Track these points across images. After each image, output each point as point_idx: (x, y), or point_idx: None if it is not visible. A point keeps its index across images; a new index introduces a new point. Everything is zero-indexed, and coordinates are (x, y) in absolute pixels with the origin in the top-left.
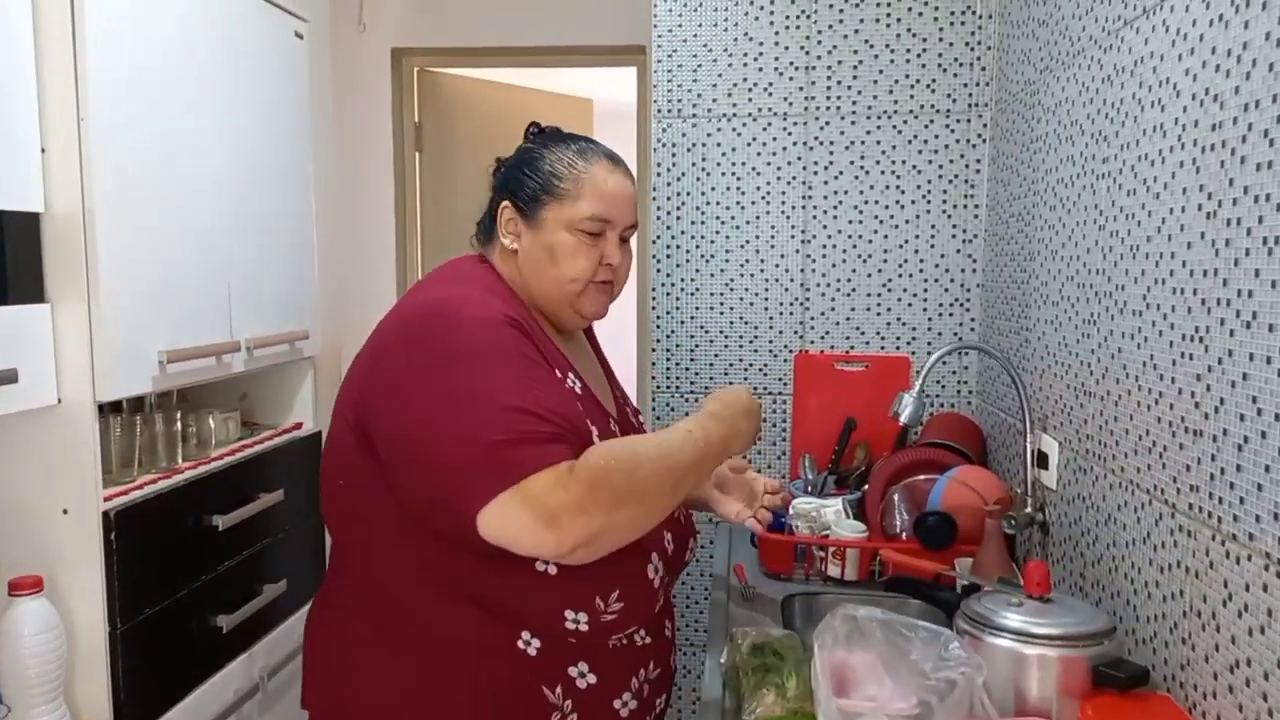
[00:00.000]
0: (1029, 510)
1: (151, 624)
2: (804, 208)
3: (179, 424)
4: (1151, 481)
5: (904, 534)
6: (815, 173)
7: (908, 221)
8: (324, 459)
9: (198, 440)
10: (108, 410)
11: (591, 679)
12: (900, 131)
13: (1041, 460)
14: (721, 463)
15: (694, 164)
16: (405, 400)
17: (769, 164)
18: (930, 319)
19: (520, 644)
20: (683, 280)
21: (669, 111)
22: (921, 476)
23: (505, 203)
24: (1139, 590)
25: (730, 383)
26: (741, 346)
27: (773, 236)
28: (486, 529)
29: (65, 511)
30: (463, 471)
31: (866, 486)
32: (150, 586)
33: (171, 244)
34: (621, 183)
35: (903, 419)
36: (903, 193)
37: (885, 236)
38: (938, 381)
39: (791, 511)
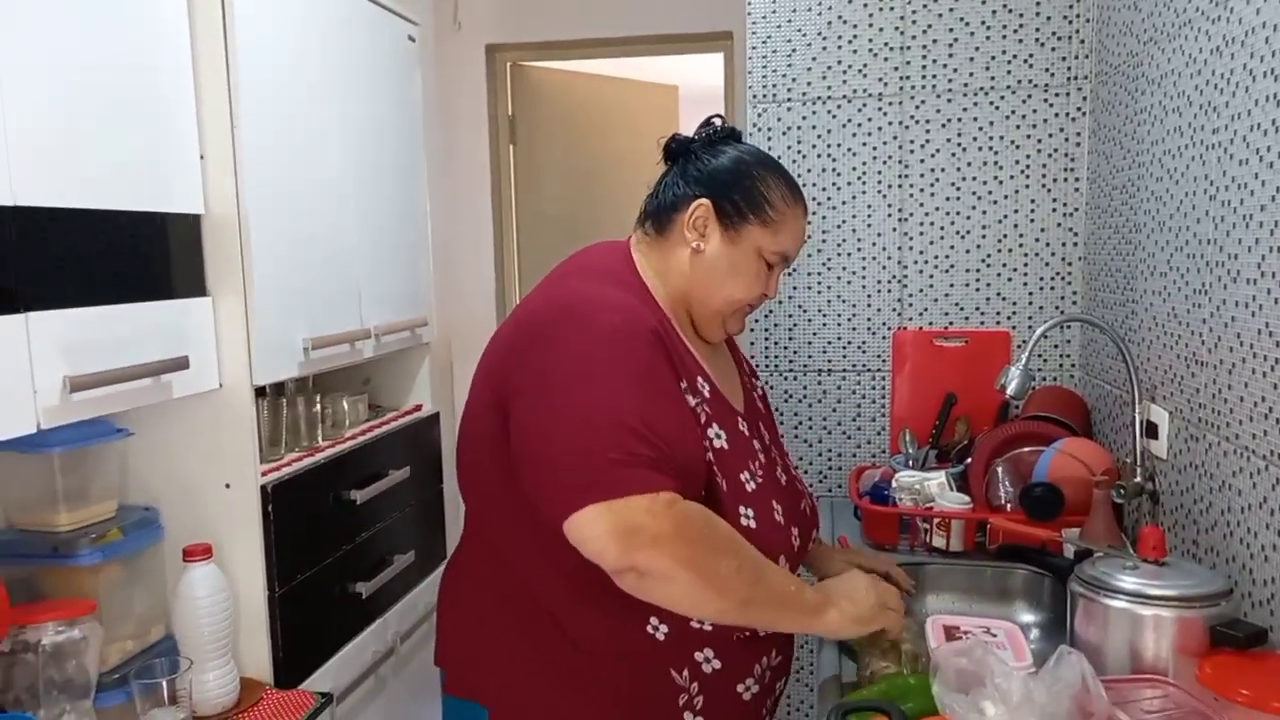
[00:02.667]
0: (1138, 480)
1: (304, 589)
2: (900, 186)
3: (318, 406)
4: (1269, 447)
5: (1009, 505)
6: (911, 151)
7: (1006, 197)
8: (462, 433)
9: (333, 421)
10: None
11: (716, 664)
12: (998, 108)
13: (1151, 430)
14: (800, 630)
15: (789, 147)
16: (539, 395)
17: (865, 145)
18: (1031, 293)
19: (649, 629)
20: None
21: (764, 97)
22: (1026, 449)
23: (704, 201)
24: (1255, 554)
25: (829, 360)
26: (840, 325)
27: (869, 216)
28: (569, 531)
29: (228, 486)
30: (568, 477)
31: (969, 460)
32: (301, 555)
33: (309, 240)
34: (805, 229)
35: (1010, 391)
36: (1001, 168)
37: (984, 212)
38: (1040, 355)
39: (895, 484)
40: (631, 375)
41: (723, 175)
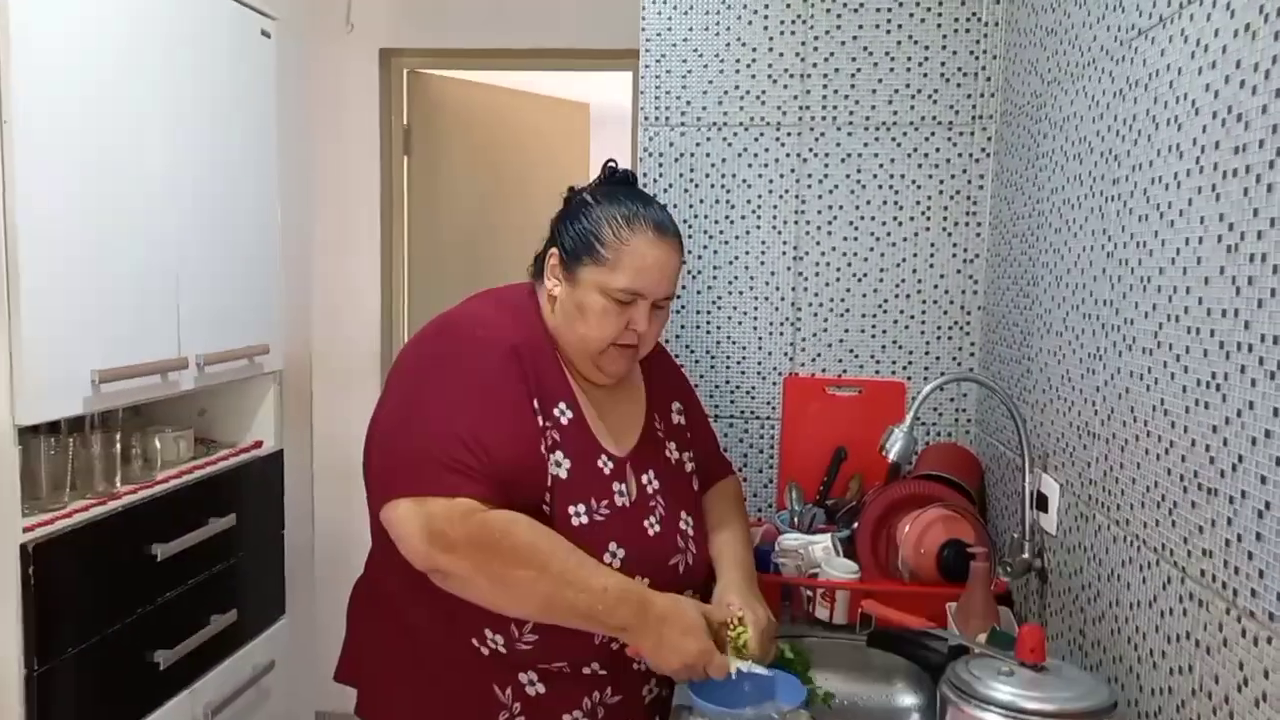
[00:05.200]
0: (1026, 556)
1: (77, 663)
2: (796, 223)
3: (118, 445)
4: (1160, 539)
5: (908, 574)
6: (809, 186)
7: (905, 239)
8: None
9: (143, 461)
10: (44, 431)
11: (540, 689)
12: (899, 144)
13: (1041, 502)
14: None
15: (681, 175)
16: (391, 393)
17: (760, 176)
18: (928, 342)
19: (475, 641)
20: None
21: (656, 119)
22: (915, 512)
23: (553, 249)
24: (1144, 659)
25: (716, 406)
26: (729, 368)
27: (763, 253)
28: (385, 519)
29: None
30: (394, 469)
31: (856, 524)
32: (76, 623)
33: (112, 256)
34: (661, 257)
35: (891, 456)
36: (901, 209)
37: (882, 254)
38: (935, 409)
39: (778, 548)
40: (474, 386)
41: (565, 220)
